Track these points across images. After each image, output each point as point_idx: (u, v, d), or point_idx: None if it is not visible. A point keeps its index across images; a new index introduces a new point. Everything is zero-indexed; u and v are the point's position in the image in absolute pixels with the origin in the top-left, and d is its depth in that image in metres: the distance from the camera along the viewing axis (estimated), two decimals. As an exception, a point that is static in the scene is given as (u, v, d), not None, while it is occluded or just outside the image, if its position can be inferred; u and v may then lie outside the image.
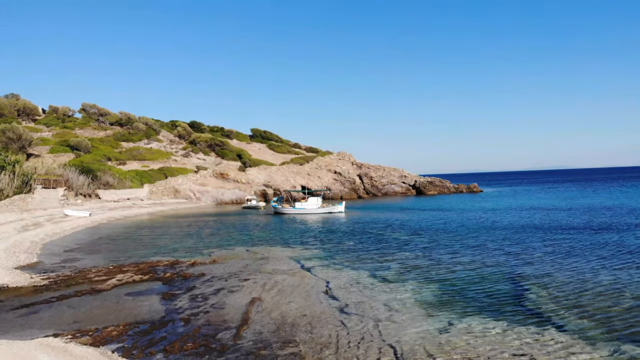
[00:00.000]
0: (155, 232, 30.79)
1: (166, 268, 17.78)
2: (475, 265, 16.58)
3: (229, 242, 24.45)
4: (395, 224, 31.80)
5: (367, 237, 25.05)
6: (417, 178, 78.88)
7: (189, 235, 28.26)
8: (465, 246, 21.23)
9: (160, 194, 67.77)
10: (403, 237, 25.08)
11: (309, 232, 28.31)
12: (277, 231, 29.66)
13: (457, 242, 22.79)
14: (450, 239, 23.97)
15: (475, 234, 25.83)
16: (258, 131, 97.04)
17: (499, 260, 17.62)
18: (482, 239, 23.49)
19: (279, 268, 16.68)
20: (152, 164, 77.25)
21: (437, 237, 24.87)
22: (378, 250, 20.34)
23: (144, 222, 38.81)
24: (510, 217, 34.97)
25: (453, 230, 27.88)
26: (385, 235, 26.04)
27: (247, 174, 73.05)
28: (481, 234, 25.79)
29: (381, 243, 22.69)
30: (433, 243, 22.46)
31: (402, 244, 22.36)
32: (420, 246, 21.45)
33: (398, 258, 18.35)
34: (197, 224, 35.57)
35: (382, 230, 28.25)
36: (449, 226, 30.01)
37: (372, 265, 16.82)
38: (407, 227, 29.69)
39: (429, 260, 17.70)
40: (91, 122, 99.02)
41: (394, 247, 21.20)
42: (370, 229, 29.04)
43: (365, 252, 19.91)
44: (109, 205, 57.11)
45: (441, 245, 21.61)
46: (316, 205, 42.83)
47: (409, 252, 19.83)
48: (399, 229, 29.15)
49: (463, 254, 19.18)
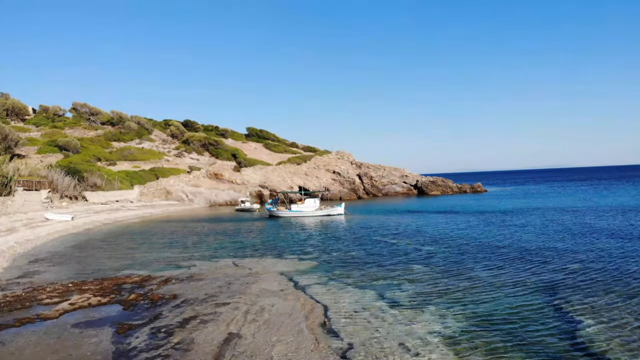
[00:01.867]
0: (136, 239, 27.96)
1: (134, 287, 14.94)
2: (515, 286, 13.53)
3: (215, 252, 21.61)
4: (402, 229, 28.69)
5: (371, 246, 22.16)
6: (419, 178, 76.09)
7: (173, 243, 25.42)
8: (496, 259, 17.77)
9: (151, 195, 64.86)
10: (413, 245, 21.93)
11: (305, 239, 25.45)
12: (270, 238, 26.83)
13: (483, 252, 19.28)
14: (474, 248, 20.39)
15: (503, 242, 22.08)
16: (254, 130, 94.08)
17: (549, 279, 14.07)
18: (513, 249, 19.79)
19: (268, 287, 13.84)
20: (144, 165, 74.31)
21: (455, 245, 21.48)
22: (385, 263, 17.43)
23: (128, 227, 35.97)
24: (538, 221, 30.99)
25: (473, 237, 24.24)
26: (392, 242, 23.00)
27: (242, 174, 70.19)
28: (510, 242, 21.88)
29: (388, 253, 19.71)
30: (452, 253, 19.25)
31: (414, 254, 19.29)
32: (437, 257, 18.36)
33: (411, 273, 15.39)
34: (185, 230, 32.73)
35: (387, 237, 25.19)
36: (466, 232, 26.52)
37: (380, 284, 13.95)
38: (416, 233, 26.52)
39: (451, 277, 14.65)
40: (82, 121, 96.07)
41: (405, 259, 18.18)
42: (374, 235, 26.17)
43: (370, 265, 17.04)
44: (96, 208, 54.19)
45: (463, 257, 18.38)
46: (313, 207, 39.99)
47: (423, 265, 16.83)
48: (407, 235, 26.01)
49: (495, 269, 15.86)
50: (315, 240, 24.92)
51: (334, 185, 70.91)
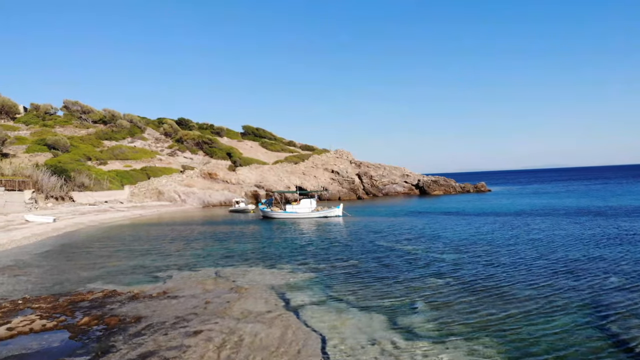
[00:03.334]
0: (116, 244, 25.46)
1: (92, 305, 12.46)
2: (565, 311, 10.81)
3: (198, 260, 19.12)
4: (408, 233, 26.02)
5: (374, 253, 19.65)
6: (420, 177, 73.64)
7: (154, 249, 22.92)
8: (536, 272, 14.66)
9: (142, 196, 62.32)
10: (426, 252, 19.25)
11: (300, 244, 22.92)
12: (262, 242, 24.35)
13: (516, 264, 16.13)
14: (503, 258, 17.28)
15: (538, 251, 18.75)
16: (250, 128, 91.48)
17: (607, 302, 11.30)
18: (553, 260, 16.65)
19: (252, 308, 11.36)
20: (135, 164, 71.75)
21: (479, 254, 18.52)
22: (395, 276, 14.87)
23: (111, 230, 33.43)
24: (566, 223, 27.67)
25: (498, 243, 21.12)
26: (398, 249, 20.36)
27: (237, 173, 67.67)
28: (546, 251, 18.55)
29: (397, 263, 17.12)
30: (477, 265, 16.30)
31: (429, 265, 16.59)
32: (458, 269, 15.62)
33: (428, 291, 12.80)
34: (171, 233, 30.23)
35: (392, 242, 22.58)
36: (488, 237, 23.26)
37: (390, 305, 11.45)
38: (425, 238, 23.72)
39: (481, 297, 11.92)
40: (73, 120, 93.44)
41: (418, 271, 15.51)
42: (376, 240, 23.66)
43: (376, 279, 14.52)
44: (82, 209, 51.63)
45: (492, 270, 15.41)
46: (309, 209, 37.48)
47: (442, 279, 14.20)
48: (417, 240, 23.22)
49: (536, 287, 12.87)
50: (311, 245, 22.41)
51: (332, 185, 68.43)
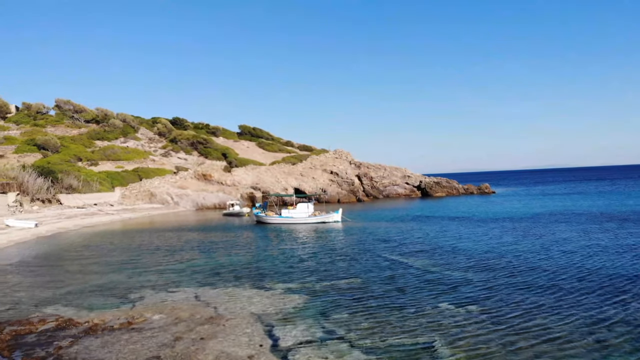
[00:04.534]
0: (93, 254, 23.20)
1: (40, 340, 10.21)
2: None
3: (179, 277, 16.84)
4: (419, 244, 23.07)
5: (381, 270, 17.19)
6: (422, 178, 71.40)
7: (132, 261, 20.64)
8: (578, 298, 12.03)
9: (134, 198, 60.02)
10: (441, 270, 16.51)
11: (296, 258, 20.47)
12: (254, 254, 22.06)
13: (549, 287, 13.28)
14: (533, 279, 14.22)
15: (572, 268, 15.87)
16: (247, 128, 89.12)
17: None
18: (597, 281, 13.85)
19: (230, 350, 9.08)
20: (128, 165, 69.44)
21: (503, 272, 15.47)
22: (407, 303, 12.39)
23: (93, 237, 31.14)
24: (598, 230, 24.91)
25: (520, 257, 18.20)
26: (409, 265, 17.69)
27: (232, 174, 65.38)
28: (591, 268, 15.74)
29: (408, 284, 14.52)
30: (503, 288, 13.32)
31: (448, 288, 13.65)
32: (483, 295, 12.94)
33: (449, 324, 10.30)
34: (156, 241, 27.97)
35: (402, 255, 19.94)
36: (510, 248, 20.42)
37: (403, 345, 9.14)
38: (440, 250, 20.63)
39: (514, 336, 9.49)
40: (65, 119, 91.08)
41: (435, 297, 12.86)
42: (382, 252, 21.26)
43: (384, 307, 12.02)
44: (69, 212, 49.32)
45: (525, 292, 12.74)
46: (306, 213, 35.17)
47: (465, 308, 11.62)
48: (428, 253, 20.08)
49: (584, 320, 10.33)
50: (308, 259, 20.07)
51: (331, 187, 66.17)
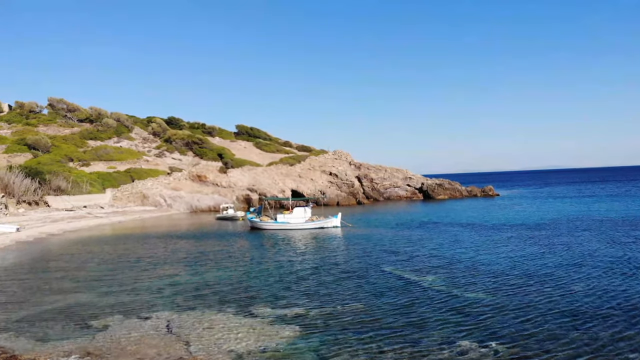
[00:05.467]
0: (68, 265, 21.05)
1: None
2: None
3: (155, 298, 14.65)
4: (431, 257, 20.38)
5: (390, 292, 14.77)
6: (424, 180, 69.22)
7: (106, 276, 18.43)
8: None
9: (126, 199, 57.82)
10: (463, 293, 13.92)
11: (289, 273, 18.12)
12: (244, 268, 19.85)
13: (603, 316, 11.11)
14: (578, 307, 11.83)
15: (624, 290, 13.46)
16: (244, 128, 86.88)
17: None
18: None
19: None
20: (120, 165, 67.26)
21: (540, 296, 12.96)
22: (425, 339, 10.17)
23: (74, 244, 28.95)
24: (636, 244, 21.88)
25: (554, 275, 15.68)
26: (423, 286, 15.08)
27: (228, 176, 63.18)
28: None
29: (425, 313, 12.12)
30: (547, 320, 10.89)
31: (475, 320, 11.18)
32: (508, 323, 10.91)
33: None
34: (140, 250, 25.78)
35: (412, 272, 17.45)
36: (536, 264, 17.73)
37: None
38: (458, 266, 17.87)
39: None
40: (58, 118, 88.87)
41: (459, 331, 10.57)
42: (389, 267, 18.99)
43: (398, 347, 9.90)
44: (56, 215, 47.10)
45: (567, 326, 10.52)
46: (303, 218, 32.96)
47: (497, 348, 9.51)
48: (444, 269, 17.30)
49: None
50: (305, 275, 17.80)
51: (330, 189, 63.98)
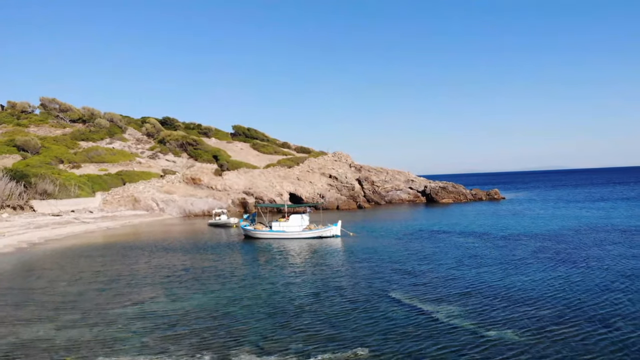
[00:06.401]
0: (32, 286, 18.62)
1: None
2: None
3: (119, 335, 12.23)
4: (453, 280, 17.35)
5: (408, 330, 12.21)
6: (427, 183, 66.84)
7: (72, 302, 16.03)
8: None
9: (116, 203, 55.41)
10: (503, 339, 11.10)
11: (285, 301, 15.78)
12: (231, 290, 17.44)
13: None
14: None
15: None
16: (241, 128, 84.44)
17: None
18: None
19: None
20: (112, 167, 64.82)
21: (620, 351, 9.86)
22: None
23: (50, 256, 26.52)
24: None
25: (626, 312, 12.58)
26: (453, 327, 12.08)
27: (223, 178, 60.78)
28: None
29: None
30: None
31: None
32: None
33: None
34: (119, 265, 23.36)
35: (430, 301, 14.83)
36: (580, 289, 14.99)
37: None
38: (490, 297, 14.61)
39: None
40: (50, 118, 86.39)
41: None
42: (405, 295, 16.49)
43: None
44: (40, 221, 44.69)
45: None
46: (300, 227, 30.55)
47: None
48: (473, 300, 14.20)
49: None
50: (302, 304, 15.26)
51: (330, 192, 61.59)
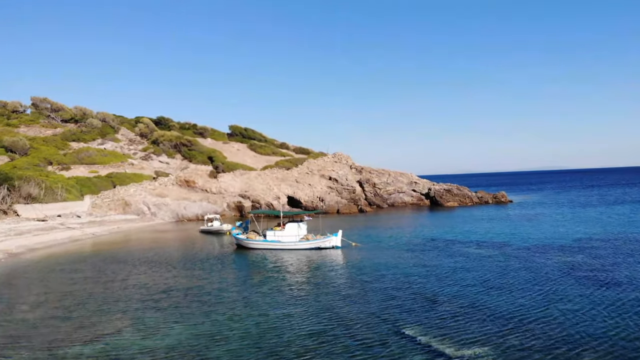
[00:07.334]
0: None
1: None
2: None
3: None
4: (477, 309, 14.48)
5: None
6: (431, 185, 64.34)
7: (25, 337, 13.53)
8: None
9: (106, 207, 52.82)
10: None
11: (282, 338, 13.23)
12: (214, 322, 14.89)
13: None
14: None
15: None
16: (238, 129, 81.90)
17: None
18: None
19: None
20: (103, 169, 62.26)
21: None
22: None
23: (22, 270, 24.01)
24: None
25: None
26: None
27: (219, 181, 58.24)
28: None
29: None
30: None
31: None
32: None
33: None
34: (92, 284, 20.85)
35: (464, 347, 12.01)
36: None
37: None
38: (530, 331, 12.65)
39: None
40: (41, 118, 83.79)
41: None
42: (424, 325, 14.05)
43: None
44: (23, 227, 42.11)
45: None
46: (297, 236, 28.01)
47: None
48: (511, 334, 12.03)
49: None
50: (303, 345, 12.86)
51: (330, 195, 59.05)
